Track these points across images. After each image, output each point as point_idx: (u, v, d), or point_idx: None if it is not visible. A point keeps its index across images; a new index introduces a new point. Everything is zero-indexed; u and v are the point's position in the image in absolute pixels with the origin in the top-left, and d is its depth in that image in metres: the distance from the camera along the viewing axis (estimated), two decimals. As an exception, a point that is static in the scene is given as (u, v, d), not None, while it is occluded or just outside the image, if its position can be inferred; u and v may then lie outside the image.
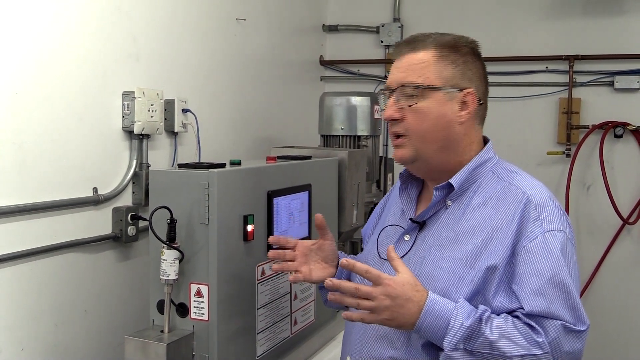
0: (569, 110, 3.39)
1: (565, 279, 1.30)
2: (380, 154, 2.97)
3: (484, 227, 1.37)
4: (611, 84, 3.35)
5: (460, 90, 1.42)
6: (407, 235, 1.48)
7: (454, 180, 1.42)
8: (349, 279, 1.54)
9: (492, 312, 1.31)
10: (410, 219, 1.49)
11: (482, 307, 1.31)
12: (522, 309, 1.30)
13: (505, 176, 1.43)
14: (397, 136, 1.46)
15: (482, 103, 1.46)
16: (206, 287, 1.67)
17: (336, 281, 1.32)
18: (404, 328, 1.32)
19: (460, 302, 1.31)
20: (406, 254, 1.45)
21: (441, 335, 1.28)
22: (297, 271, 1.59)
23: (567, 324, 1.28)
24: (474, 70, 1.44)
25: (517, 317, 1.30)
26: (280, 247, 1.64)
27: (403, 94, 1.42)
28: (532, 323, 1.29)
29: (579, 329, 1.29)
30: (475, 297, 1.33)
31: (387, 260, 1.37)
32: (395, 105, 1.43)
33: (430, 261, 1.41)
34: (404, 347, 1.39)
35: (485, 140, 1.51)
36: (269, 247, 1.87)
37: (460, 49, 1.44)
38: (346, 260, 1.33)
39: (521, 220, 1.34)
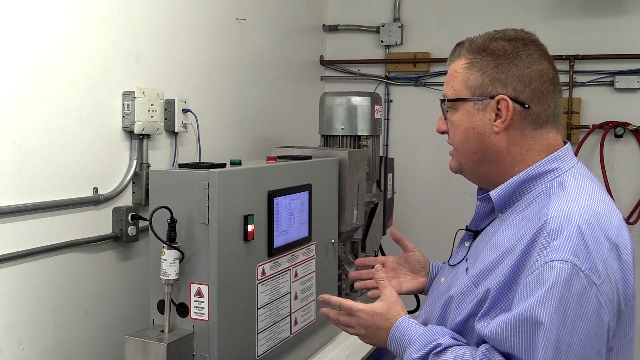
0: (569, 110, 3.39)
1: (538, 315, 1.12)
2: (381, 154, 2.97)
3: (501, 247, 1.25)
4: (611, 83, 3.35)
5: (492, 97, 1.30)
6: (467, 242, 1.45)
7: (494, 194, 1.34)
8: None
9: (478, 335, 1.23)
10: (466, 227, 1.47)
11: (439, 340, 1.27)
12: None
13: (554, 191, 1.26)
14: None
15: (528, 106, 1.29)
16: (206, 287, 1.67)
17: (324, 310, 1.49)
18: (383, 347, 1.40)
19: (423, 331, 1.31)
20: (460, 261, 1.41)
21: None
22: (374, 288, 1.59)
23: None
24: (512, 71, 1.29)
25: (482, 348, 1.22)
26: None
27: (443, 108, 1.41)
28: None
29: None
30: (472, 318, 1.27)
31: (450, 265, 1.45)
32: (443, 118, 1.42)
33: (457, 273, 1.38)
34: None
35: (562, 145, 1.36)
36: (270, 247, 1.88)
37: (494, 50, 1.31)
38: (321, 296, 1.49)
39: (530, 245, 1.18)
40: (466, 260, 1.38)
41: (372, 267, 1.61)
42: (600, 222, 1.20)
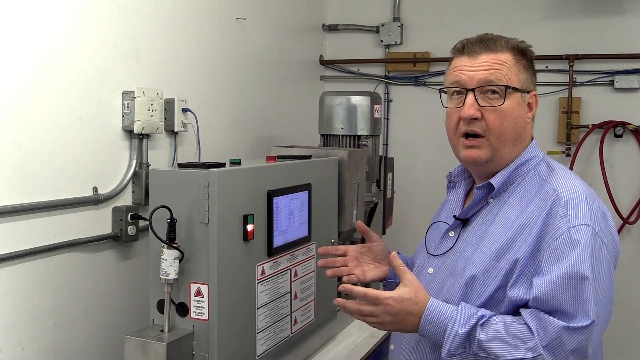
0: (569, 110, 3.39)
1: (582, 270, 1.29)
2: (380, 154, 2.97)
3: (514, 223, 1.39)
4: (611, 83, 3.35)
5: (529, 92, 1.48)
6: (452, 232, 1.53)
7: (495, 180, 1.46)
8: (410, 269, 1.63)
9: (512, 302, 1.34)
10: (454, 216, 1.54)
11: (481, 312, 1.34)
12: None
13: (544, 174, 1.45)
14: (472, 136, 1.46)
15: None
16: (206, 286, 1.67)
17: (341, 301, 1.43)
18: (409, 332, 1.44)
19: (460, 308, 1.36)
20: (449, 250, 1.51)
21: (441, 342, 1.36)
22: (351, 274, 1.65)
23: (568, 324, 1.27)
24: (534, 74, 1.51)
25: (526, 312, 1.32)
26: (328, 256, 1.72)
27: (482, 92, 1.44)
28: (530, 324, 1.30)
29: (579, 324, 1.27)
30: (500, 290, 1.37)
31: (434, 255, 1.53)
32: (476, 104, 1.44)
33: (465, 256, 1.46)
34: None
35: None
36: (269, 247, 1.88)
37: (527, 54, 1.50)
38: (342, 286, 1.43)
39: (548, 216, 1.35)
40: (470, 243, 1.46)
41: (338, 256, 1.68)
42: (592, 194, 1.41)
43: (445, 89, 1.52)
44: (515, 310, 1.35)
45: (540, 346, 1.27)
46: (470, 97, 1.44)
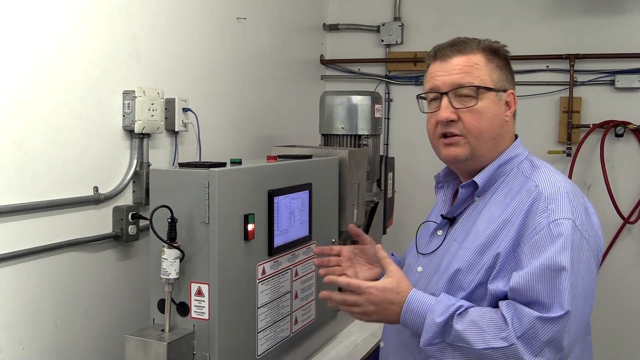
0: (570, 110, 3.39)
1: (560, 261, 1.30)
2: (381, 153, 2.97)
3: (497, 219, 1.42)
4: (612, 83, 3.35)
5: (505, 91, 1.51)
6: (440, 231, 1.57)
7: (478, 178, 1.50)
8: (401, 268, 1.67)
9: (492, 296, 1.36)
10: (441, 215, 1.58)
11: (460, 302, 1.38)
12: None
13: (527, 171, 1.48)
14: (450, 135, 1.49)
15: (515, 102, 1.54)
16: (207, 286, 1.67)
17: (326, 293, 1.51)
18: (392, 323, 1.47)
19: (440, 298, 1.40)
20: (437, 248, 1.54)
21: (420, 331, 1.40)
22: (343, 274, 1.68)
23: (542, 315, 1.29)
24: (511, 73, 1.54)
25: (503, 303, 1.35)
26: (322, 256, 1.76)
27: (457, 95, 1.48)
28: (506, 314, 1.32)
29: (554, 315, 1.28)
30: (482, 286, 1.40)
31: (423, 254, 1.56)
32: (451, 107, 1.48)
33: (451, 253, 1.49)
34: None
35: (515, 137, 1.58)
36: (270, 246, 1.88)
37: (500, 54, 1.52)
38: (327, 278, 1.54)
39: (529, 212, 1.38)
40: (455, 241, 1.49)
41: (332, 256, 1.73)
42: (574, 190, 1.44)
43: (423, 96, 1.57)
44: (496, 303, 1.37)
45: (514, 336, 1.29)
46: (444, 100, 1.49)
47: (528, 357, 1.29)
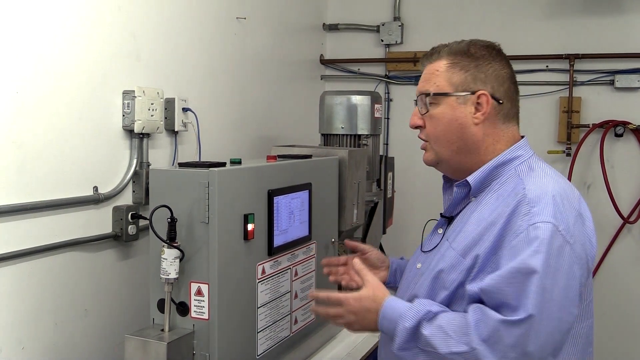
0: (570, 109, 3.39)
1: (532, 264, 1.29)
2: (381, 153, 2.97)
3: (484, 221, 1.42)
4: (611, 82, 3.35)
5: (473, 93, 1.48)
6: (440, 229, 1.59)
7: (471, 179, 1.50)
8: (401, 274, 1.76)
9: (469, 297, 1.37)
10: (440, 214, 1.61)
11: (430, 308, 1.39)
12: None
13: (522, 174, 1.46)
14: (423, 140, 1.57)
15: (502, 102, 1.49)
16: (206, 286, 1.67)
17: (313, 307, 1.61)
18: (374, 331, 1.50)
19: (412, 304, 1.42)
20: (436, 246, 1.55)
21: (394, 336, 1.42)
22: (351, 281, 1.75)
23: (504, 318, 1.28)
24: (489, 72, 1.49)
25: (472, 307, 1.36)
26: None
27: (422, 102, 1.55)
28: (471, 318, 1.33)
29: (516, 317, 1.28)
30: (464, 285, 1.41)
31: (424, 252, 1.58)
32: (418, 114, 1.56)
33: (441, 252, 1.50)
34: None
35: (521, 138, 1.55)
36: (270, 246, 1.88)
37: (473, 54, 1.50)
38: (310, 294, 1.65)
39: (512, 214, 1.36)
40: (447, 240, 1.50)
41: (339, 265, 1.80)
42: (566, 194, 1.41)
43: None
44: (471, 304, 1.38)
45: (476, 340, 1.30)
46: (415, 107, 1.57)
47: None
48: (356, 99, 2.74)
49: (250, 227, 1.77)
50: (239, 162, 1.84)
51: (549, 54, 3.41)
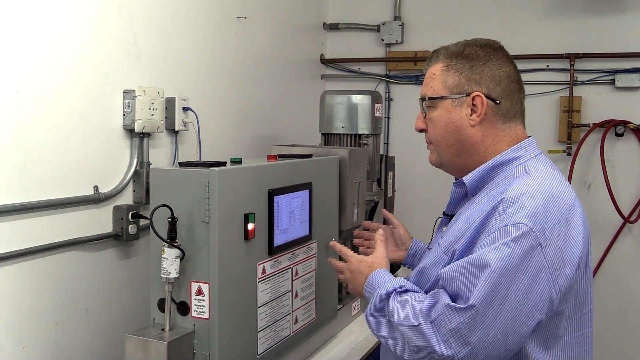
0: (570, 109, 3.39)
1: (486, 259, 1.29)
2: (381, 153, 2.97)
3: (468, 220, 1.44)
4: (612, 82, 3.35)
5: (468, 95, 1.48)
6: (444, 227, 1.61)
7: (467, 179, 1.51)
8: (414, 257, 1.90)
9: (435, 282, 1.42)
10: (443, 212, 1.63)
11: (406, 284, 1.46)
12: None
13: (519, 175, 1.44)
14: (427, 142, 1.61)
15: (499, 102, 1.48)
16: (207, 285, 1.67)
17: (335, 244, 1.80)
18: (361, 295, 1.59)
19: (395, 278, 1.50)
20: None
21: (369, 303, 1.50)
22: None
23: (450, 303, 1.31)
24: (485, 72, 1.48)
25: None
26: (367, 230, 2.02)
27: (422, 106, 1.58)
28: (427, 298, 1.37)
29: (459, 305, 1.30)
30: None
31: (429, 249, 1.62)
32: (422, 117, 1.59)
33: (433, 249, 1.56)
34: None
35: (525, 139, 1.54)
36: (270, 246, 1.88)
37: (468, 55, 1.50)
38: (331, 243, 1.81)
39: (490, 213, 1.37)
40: (441, 237, 1.55)
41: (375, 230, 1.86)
42: (553, 196, 1.37)
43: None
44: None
45: (424, 317, 1.34)
46: (420, 111, 1.60)
47: (435, 341, 1.31)
48: (356, 98, 2.74)
49: (250, 226, 1.77)
50: (240, 162, 1.84)
51: (549, 53, 3.41)
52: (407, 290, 1.44)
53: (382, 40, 3.74)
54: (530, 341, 1.36)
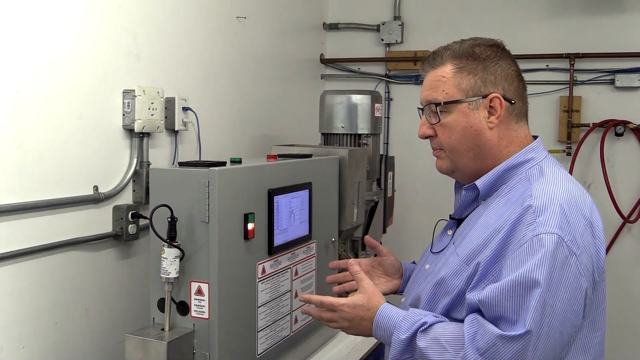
0: (570, 109, 3.39)
1: (535, 277, 1.24)
2: (381, 152, 2.97)
3: (491, 227, 1.36)
4: (612, 82, 3.35)
5: (485, 96, 1.42)
6: (450, 230, 1.54)
7: (479, 182, 1.44)
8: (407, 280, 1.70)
9: (469, 306, 1.32)
10: (450, 215, 1.56)
11: (425, 319, 1.35)
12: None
13: (534, 178, 1.40)
14: (434, 149, 1.51)
15: (514, 102, 1.45)
16: (207, 285, 1.67)
17: (305, 308, 1.56)
18: (368, 337, 1.47)
19: (407, 313, 1.39)
20: (445, 248, 1.50)
21: (390, 347, 1.39)
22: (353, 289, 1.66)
23: (503, 333, 1.24)
24: (498, 72, 1.43)
25: (469, 318, 1.32)
26: (341, 270, 1.75)
27: (430, 111, 1.47)
28: (468, 331, 1.28)
29: (515, 333, 1.23)
30: (462, 295, 1.36)
31: (433, 252, 1.53)
32: (427, 123, 1.48)
33: (445, 256, 1.46)
34: None
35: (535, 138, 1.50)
36: (270, 245, 1.88)
37: (479, 55, 1.44)
38: (301, 296, 1.57)
39: (517, 222, 1.31)
40: (453, 244, 1.46)
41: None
42: (576, 202, 1.34)
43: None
44: (470, 313, 1.34)
45: (472, 354, 1.26)
46: (423, 117, 1.50)
47: None
48: (356, 98, 2.74)
49: (250, 226, 1.77)
50: (239, 162, 1.84)
51: (549, 53, 3.41)
52: (431, 325, 1.34)
53: (382, 40, 3.74)
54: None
